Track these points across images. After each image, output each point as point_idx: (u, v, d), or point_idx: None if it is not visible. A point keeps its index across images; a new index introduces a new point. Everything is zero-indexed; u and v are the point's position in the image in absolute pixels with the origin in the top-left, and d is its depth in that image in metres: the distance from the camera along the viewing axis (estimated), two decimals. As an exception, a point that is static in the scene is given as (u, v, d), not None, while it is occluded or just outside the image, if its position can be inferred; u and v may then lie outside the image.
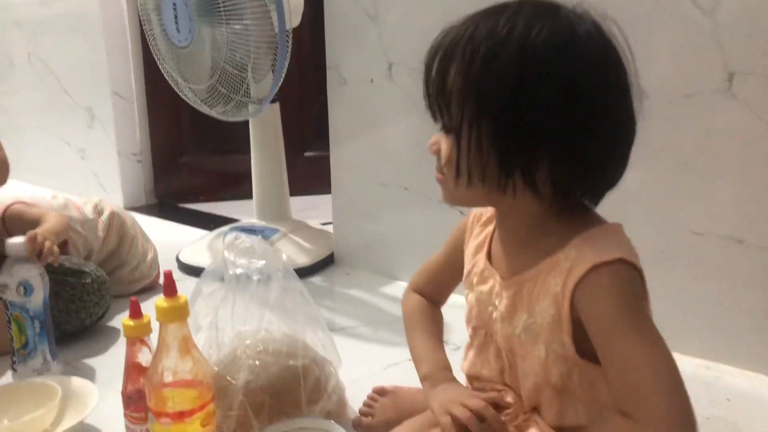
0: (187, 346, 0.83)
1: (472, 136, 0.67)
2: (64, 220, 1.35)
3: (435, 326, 0.92)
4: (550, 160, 0.66)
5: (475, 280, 0.80)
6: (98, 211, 1.50)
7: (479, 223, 0.83)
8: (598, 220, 0.72)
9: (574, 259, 0.67)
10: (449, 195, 0.74)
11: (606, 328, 0.65)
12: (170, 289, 0.81)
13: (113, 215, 1.52)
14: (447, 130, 0.70)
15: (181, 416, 0.81)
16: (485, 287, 0.77)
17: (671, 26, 1.15)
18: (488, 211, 0.82)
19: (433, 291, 0.95)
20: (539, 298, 0.70)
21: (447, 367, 0.83)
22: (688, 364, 1.20)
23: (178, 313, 0.81)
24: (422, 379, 0.84)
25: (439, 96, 0.69)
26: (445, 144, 0.70)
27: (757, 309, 1.14)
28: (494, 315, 0.76)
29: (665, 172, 1.19)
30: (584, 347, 0.68)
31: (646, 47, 1.16)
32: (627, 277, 0.66)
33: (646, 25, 1.16)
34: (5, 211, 1.34)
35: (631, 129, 0.69)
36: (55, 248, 1.18)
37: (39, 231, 1.19)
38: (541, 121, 0.64)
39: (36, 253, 1.15)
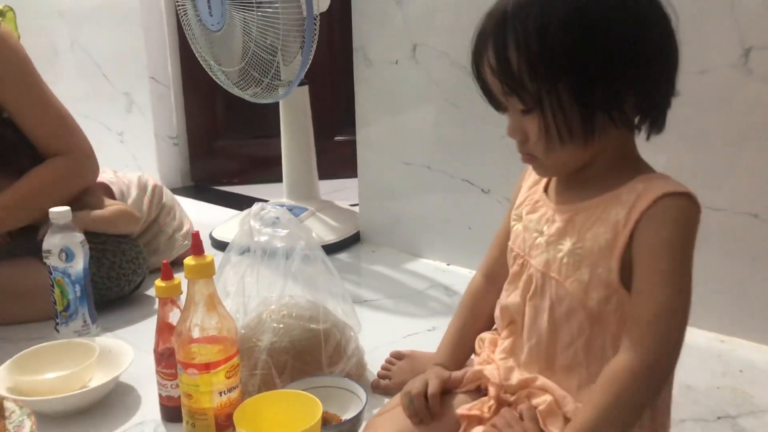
0: (213, 302, 0.88)
1: (555, 105, 0.69)
2: (136, 218, 1.43)
3: (466, 319, 0.92)
4: (631, 90, 0.69)
5: (525, 210, 0.82)
6: (143, 187, 1.58)
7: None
8: (654, 170, 0.76)
9: (642, 191, 0.70)
10: (545, 169, 0.76)
11: (652, 255, 0.69)
12: (197, 248, 0.87)
13: (155, 187, 1.60)
14: (526, 110, 0.71)
15: (207, 367, 0.86)
16: (535, 215, 0.80)
17: (686, 2, 1.16)
18: None
19: (494, 263, 0.92)
20: (594, 225, 0.73)
21: (441, 364, 0.89)
22: (702, 338, 1.22)
23: (204, 270, 0.86)
24: None
25: (508, 81, 0.69)
26: (529, 125, 0.71)
27: (772, 283, 1.16)
28: (538, 240, 0.78)
29: (681, 148, 1.20)
30: (627, 277, 0.71)
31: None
32: (690, 213, 0.69)
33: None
34: None
35: (677, 48, 0.73)
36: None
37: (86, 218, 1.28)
38: (614, 59, 0.68)
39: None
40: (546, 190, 0.81)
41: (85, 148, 1.38)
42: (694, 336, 1.23)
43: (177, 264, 1.57)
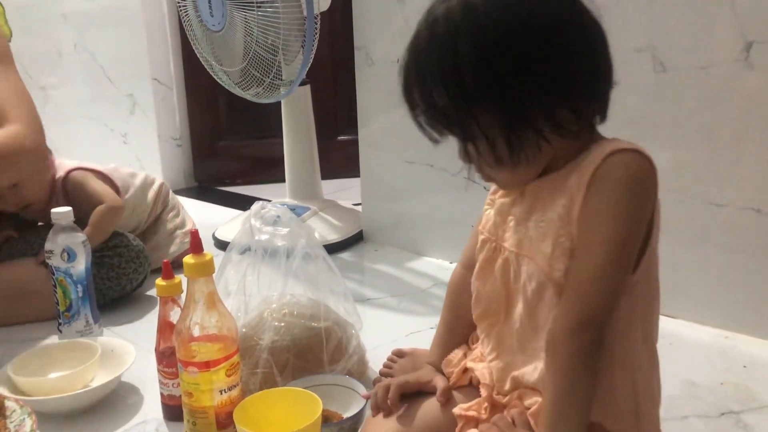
0: (213, 300, 0.88)
1: (487, 134, 0.68)
2: (115, 208, 1.40)
3: (453, 312, 0.92)
4: (560, 101, 0.68)
5: (499, 194, 0.82)
6: (149, 182, 1.59)
7: None
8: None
9: (595, 154, 0.70)
10: (505, 185, 0.77)
11: (594, 217, 0.68)
12: (197, 246, 0.87)
13: (162, 185, 1.61)
14: (465, 139, 0.71)
15: (207, 366, 0.86)
16: (508, 199, 0.79)
17: (688, -2, 1.16)
18: None
19: (473, 253, 0.92)
20: (554, 196, 0.72)
21: (433, 363, 0.91)
22: (706, 334, 1.21)
23: (203, 269, 0.86)
24: None
25: (437, 119, 0.70)
26: (473, 152, 0.72)
27: (775, 278, 1.15)
28: (511, 223, 0.78)
29: (683, 144, 1.20)
30: None
31: (663, 20, 1.18)
32: (636, 170, 0.68)
33: (662, -2, 1.17)
34: (68, 174, 1.43)
35: (600, 35, 0.71)
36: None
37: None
38: (531, 78, 0.67)
39: None
40: None
41: (33, 124, 1.29)
42: (697, 332, 1.22)
43: (179, 265, 1.59)
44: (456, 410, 0.82)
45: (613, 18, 0.74)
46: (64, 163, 1.47)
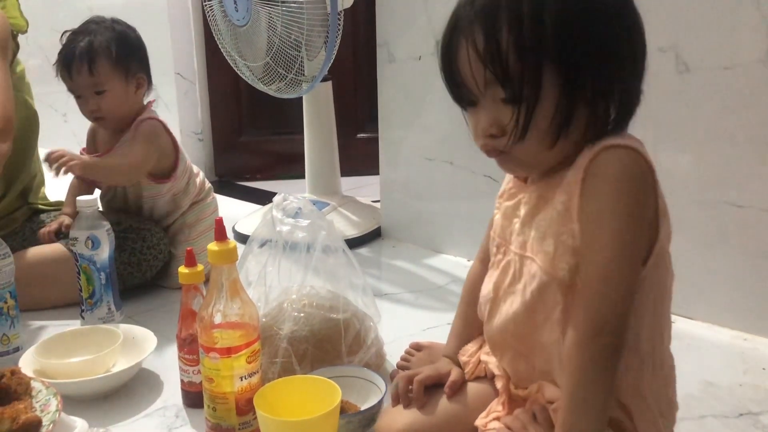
0: (236, 287, 0.89)
1: (541, 93, 0.67)
2: (132, 166, 1.38)
3: (471, 307, 0.91)
4: (619, 85, 0.69)
5: (503, 198, 0.82)
6: (203, 182, 1.54)
7: None
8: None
9: (590, 152, 0.69)
10: (516, 164, 0.72)
11: (593, 216, 0.68)
12: (221, 234, 0.88)
13: (210, 192, 1.56)
14: (508, 99, 0.68)
15: (228, 352, 0.88)
16: (512, 202, 0.80)
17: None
18: None
19: (489, 248, 0.93)
20: (556, 194, 0.72)
21: (449, 355, 0.92)
22: (725, 335, 1.21)
23: (227, 256, 0.88)
24: None
25: (495, 66, 0.67)
26: (506, 116, 0.69)
27: (796, 281, 1.14)
28: (516, 225, 0.78)
29: (705, 145, 1.20)
30: None
31: (687, 20, 1.18)
32: (631, 166, 0.67)
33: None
34: (148, 119, 1.44)
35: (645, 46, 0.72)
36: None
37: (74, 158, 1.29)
38: (606, 51, 0.68)
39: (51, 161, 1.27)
40: (525, 179, 0.80)
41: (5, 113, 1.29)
42: (716, 333, 1.22)
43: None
44: (477, 423, 0.83)
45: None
46: (158, 115, 1.48)
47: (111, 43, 1.40)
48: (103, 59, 1.38)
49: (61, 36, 1.43)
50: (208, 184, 1.57)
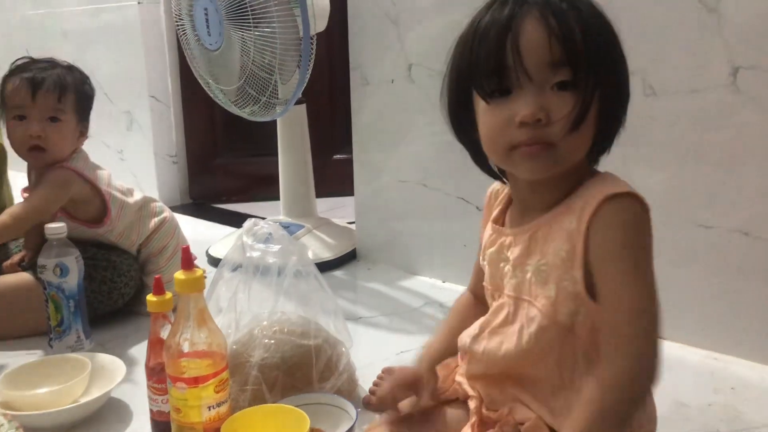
0: (203, 316, 0.88)
1: (599, 81, 0.69)
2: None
3: (453, 335, 0.90)
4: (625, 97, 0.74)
5: (486, 247, 0.82)
6: (156, 212, 1.50)
7: (497, 202, 0.85)
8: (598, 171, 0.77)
9: (588, 197, 0.70)
10: (556, 158, 0.70)
11: (608, 261, 0.68)
12: (187, 262, 0.87)
13: (164, 221, 1.50)
14: (570, 82, 0.68)
15: (196, 381, 0.87)
16: (495, 248, 0.79)
17: (677, 24, 1.18)
18: (504, 188, 0.84)
19: (476, 284, 0.93)
20: (553, 238, 0.72)
21: (421, 359, 0.93)
22: (695, 355, 1.22)
23: (193, 285, 0.87)
24: None
25: (568, 44, 0.67)
26: (559, 102, 0.68)
27: (763, 300, 1.16)
28: (506, 268, 0.77)
29: (673, 165, 1.21)
30: (592, 286, 0.70)
31: (653, 44, 1.20)
32: (636, 213, 0.69)
33: (651, 24, 1.19)
34: (63, 164, 1.38)
35: None
36: None
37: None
38: (622, 64, 0.73)
39: None
40: (502, 224, 0.81)
41: None
42: (686, 353, 1.23)
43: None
44: None
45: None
46: (88, 162, 1.43)
47: (80, 84, 1.42)
48: (72, 94, 1.39)
49: (15, 61, 1.41)
50: (163, 213, 1.51)
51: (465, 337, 0.83)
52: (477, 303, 0.91)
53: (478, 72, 0.70)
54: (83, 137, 1.44)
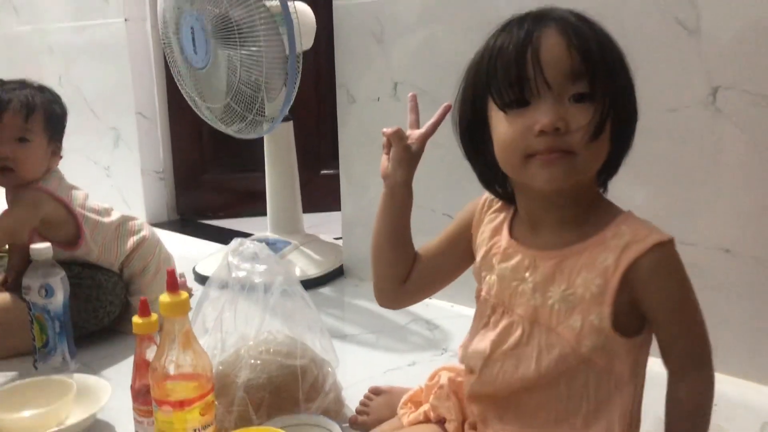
0: (188, 339, 0.89)
1: (615, 93, 0.71)
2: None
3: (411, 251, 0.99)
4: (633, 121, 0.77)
5: (496, 259, 0.80)
6: (135, 231, 1.49)
7: (491, 210, 0.85)
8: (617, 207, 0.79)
9: (631, 237, 0.72)
10: (574, 167, 0.71)
11: (675, 302, 0.74)
12: (172, 285, 0.88)
13: (144, 240, 1.49)
14: (587, 94, 0.69)
15: (181, 405, 0.87)
16: (510, 263, 0.78)
17: (657, 44, 1.20)
18: (496, 200, 0.85)
19: (428, 251, 0.99)
20: (582, 270, 0.73)
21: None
22: (679, 371, 1.23)
23: (179, 308, 0.87)
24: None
25: (587, 55, 0.69)
26: (577, 113, 0.69)
27: (743, 317, 1.17)
28: (521, 288, 0.77)
29: (654, 183, 1.23)
30: (619, 321, 0.72)
31: (633, 64, 1.21)
32: (678, 256, 0.74)
33: (632, 44, 1.20)
34: (34, 185, 1.37)
35: None
36: None
37: None
38: (631, 82, 0.75)
39: None
40: (511, 234, 0.81)
41: None
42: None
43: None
44: None
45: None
46: (62, 183, 1.42)
47: (49, 104, 1.41)
48: (41, 115, 1.38)
49: None
50: (141, 232, 1.50)
51: (475, 357, 0.81)
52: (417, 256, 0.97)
53: (496, 83, 0.71)
54: (56, 157, 1.43)
